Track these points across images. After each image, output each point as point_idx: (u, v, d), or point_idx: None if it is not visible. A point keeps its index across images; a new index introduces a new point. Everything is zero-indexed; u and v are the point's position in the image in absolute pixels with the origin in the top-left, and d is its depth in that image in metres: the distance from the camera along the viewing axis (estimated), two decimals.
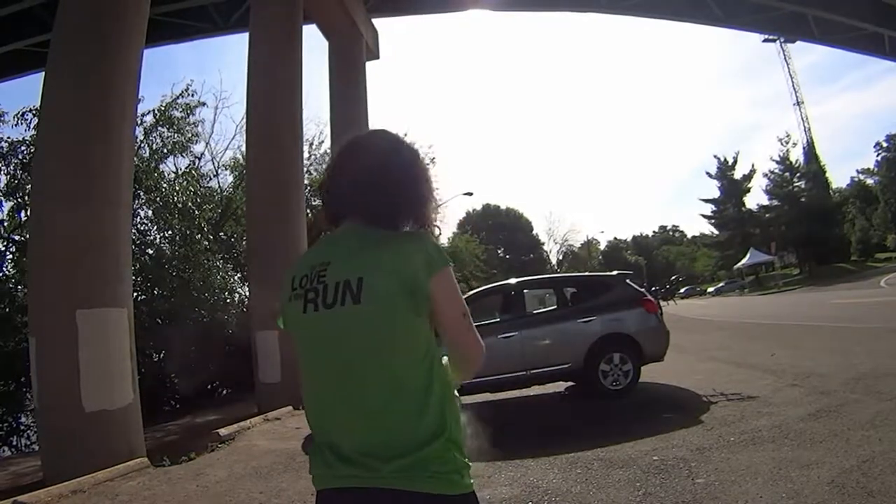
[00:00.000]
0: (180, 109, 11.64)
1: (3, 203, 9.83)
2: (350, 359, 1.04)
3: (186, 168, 12.64)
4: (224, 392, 11.87)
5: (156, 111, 11.36)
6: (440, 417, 1.04)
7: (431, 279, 1.05)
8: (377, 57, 15.71)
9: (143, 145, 10.88)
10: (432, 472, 1.00)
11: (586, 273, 22.76)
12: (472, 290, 7.51)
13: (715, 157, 49.71)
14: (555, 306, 6.84)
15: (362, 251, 1.07)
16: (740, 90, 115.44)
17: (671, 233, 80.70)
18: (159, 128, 11.37)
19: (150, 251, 10.97)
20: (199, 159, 13.89)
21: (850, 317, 11.33)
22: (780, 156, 44.43)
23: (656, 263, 67.15)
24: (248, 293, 10.95)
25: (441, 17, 23.28)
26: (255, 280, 8.92)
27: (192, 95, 11.87)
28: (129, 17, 5.65)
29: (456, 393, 1.14)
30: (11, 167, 9.72)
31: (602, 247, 70.62)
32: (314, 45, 26.26)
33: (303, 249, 9.00)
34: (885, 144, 47.80)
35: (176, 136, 11.60)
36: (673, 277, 52.63)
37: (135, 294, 8.34)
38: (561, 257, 62.87)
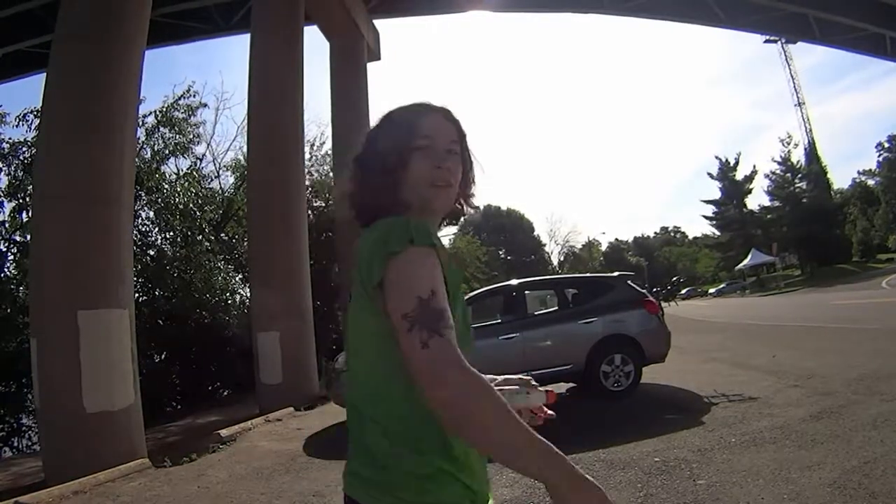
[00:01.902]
0: (182, 110, 11.68)
1: (5, 204, 9.90)
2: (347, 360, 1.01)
3: (188, 169, 12.68)
4: (225, 393, 11.88)
5: (157, 112, 11.41)
6: (415, 429, 0.85)
7: (386, 265, 0.84)
8: (378, 58, 15.69)
9: (144, 146, 10.91)
10: (398, 497, 0.84)
11: (587, 274, 22.74)
12: (473, 291, 7.50)
13: (716, 157, 49.89)
14: (556, 307, 6.84)
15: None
16: (742, 91, 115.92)
17: (672, 234, 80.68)
18: (161, 129, 11.41)
19: (152, 252, 11.00)
20: (201, 160, 13.95)
21: (851, 317, 11.30)
22: (781, 156, 44.61)
23: (658, 264, 67.10)
24: (249, 294, 10.96)
25: (442, 17, 23.26)
26: (257, 281, 8.91)
27: (194, 96, 11.95)
28: (130, 19, 5.65)
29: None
30: (13, 168, 9.78)
31: (603, 248, 70.69)
32: (315, 46, 26.25)
33: (304, 251, 8.99)
34: (886, 145, 47.65)
35: (177, 137, 11.64)
36: (674, 278, 52.69)
37: (136, 295, 8.36)
38: (562, 258, 62.81)
